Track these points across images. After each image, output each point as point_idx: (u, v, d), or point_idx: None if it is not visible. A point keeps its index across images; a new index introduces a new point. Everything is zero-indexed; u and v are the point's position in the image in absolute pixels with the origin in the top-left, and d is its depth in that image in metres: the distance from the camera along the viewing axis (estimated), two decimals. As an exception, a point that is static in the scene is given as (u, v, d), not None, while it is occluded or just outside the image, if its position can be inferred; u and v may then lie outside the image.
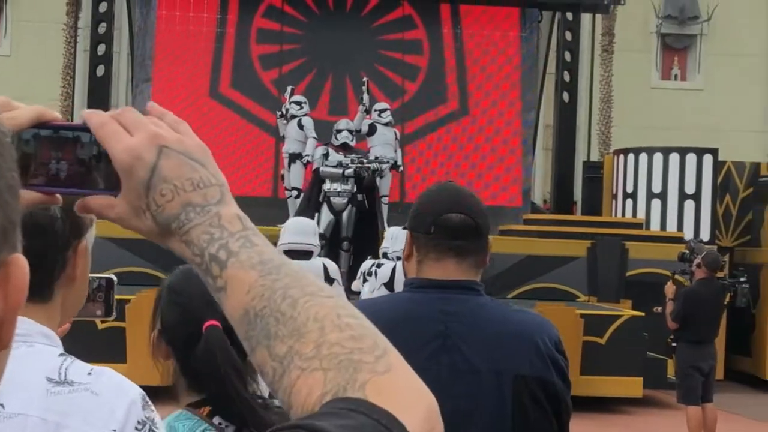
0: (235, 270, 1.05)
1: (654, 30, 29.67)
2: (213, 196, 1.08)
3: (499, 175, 18.83)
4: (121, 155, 1.06)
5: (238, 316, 1.05)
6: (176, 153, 1.08)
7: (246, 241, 1.07)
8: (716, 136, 24.93)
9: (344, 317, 1.01)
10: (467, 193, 2.90)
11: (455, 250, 2.78)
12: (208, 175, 1.10)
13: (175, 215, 1.07)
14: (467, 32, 19.11)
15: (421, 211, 2.85)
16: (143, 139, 1.07)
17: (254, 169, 18.30)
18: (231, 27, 18.75)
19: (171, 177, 1.07)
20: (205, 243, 1.06)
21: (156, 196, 1.07)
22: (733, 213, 17.19)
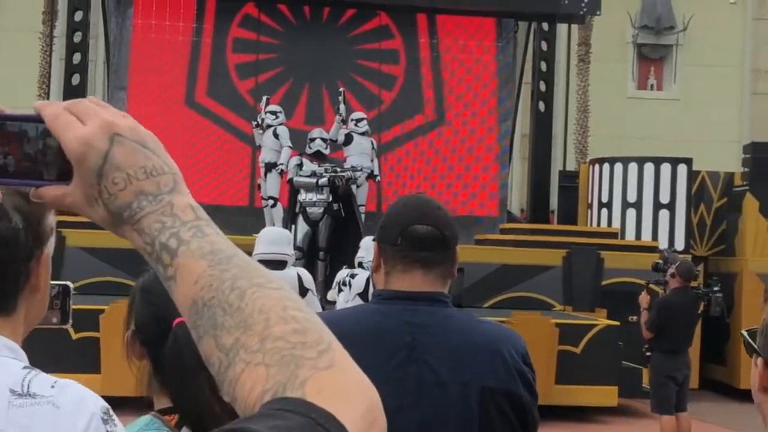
0: (185, 259, 1.04)
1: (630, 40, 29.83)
2: (166, 185, 1.08)
3: (475, 185, 18.86)
4: (73, 144, 1.06)
5: (187, 306, 1.04)
6: (129, 141, 1.08)
7: (198, 230, 1.06)
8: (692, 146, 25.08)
9: (290, 310, 1.00)
10: (434, 205, 2.90)
11: (422, 262, 2.78)
12: (161, 163, 1.10)
13: (127, 203, 1.07)
14: (444, 42, 19.15)
15: (388, 222, 2.85)
16: (95, 128, 1.07)
17: (230, 178, 18.26)
18: (207, 36, 18.71)
19: (124, 165, 1.07)
20: (156, 231, 1.06)
21: (108, 184, 1.07)
22: (708, 222, 17.31)
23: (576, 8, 18.41)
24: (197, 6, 18.74)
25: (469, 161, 18.93)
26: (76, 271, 13.58)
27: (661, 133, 27.84)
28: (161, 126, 18.30)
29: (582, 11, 18.69)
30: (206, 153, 18.30)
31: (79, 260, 13.44)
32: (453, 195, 18.75)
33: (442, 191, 18.72)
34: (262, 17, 18.78)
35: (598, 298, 14.89)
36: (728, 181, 17.44)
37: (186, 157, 18.22)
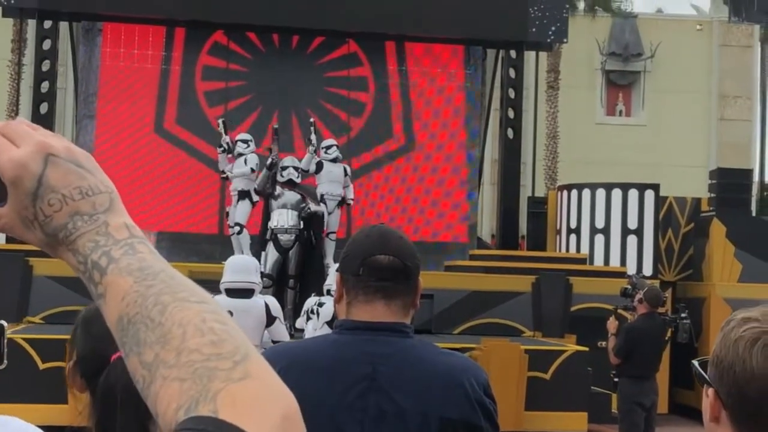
0: (113, 276, 1.04)
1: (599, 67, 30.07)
2: (101, 204, 1.08)
3: (445, 211, 18.90)
4: (7, 167, 1.05)
5: (114, 323, 1.04)
6: (63, 161, 1.07)
7: (129, 248, 1.06)
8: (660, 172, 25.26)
9: (209, 321, 1.00)
10: (396, 235, 2.91)
11: (383, 292, 2.78)
12: (97, 182, 1.09)
13: (62, 225, 1.06)
14: (412, 69, 19.23)
15: (350, 253, 2.85)
16: (29, 150, 1.06)
17: (199, 205, 18.20)
18: (176, 64, 18.70)
19: (58, 186, 1.06)
20: (89, 250, 1.06)
21: (44, 206, 1.06)
22: (675, 248, 17.42)
23: (543, 36, 18.56)
24: (166, 34, 18.73)
25: (438, 187, 18.99)
26: (44, 300, 13.51)
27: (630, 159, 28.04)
28: (129, 153, 18.25)
29: (549, 39, 18.84)
30: (176, 181, 18.24)
31: (46, 289, 13.36)
32: (423, 221, 18.78)
33: (412, 217, 18.76)
34: (231, 45, 18.80)
35: (568, 323, 14.94)
36: (695, 206, 17.58)
37: (155, 185, 18.16)
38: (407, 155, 19.04)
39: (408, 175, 18.95)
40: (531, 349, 12.98)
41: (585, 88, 29.50)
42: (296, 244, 13.86)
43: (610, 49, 30.00)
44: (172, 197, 18.16)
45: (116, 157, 18.11)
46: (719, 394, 1.74)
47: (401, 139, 19.10)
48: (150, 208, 17.87)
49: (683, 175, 26.65)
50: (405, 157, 19.04)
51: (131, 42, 18.62)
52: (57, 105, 19.44)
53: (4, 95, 23.58)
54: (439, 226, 18.81)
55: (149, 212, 17.81)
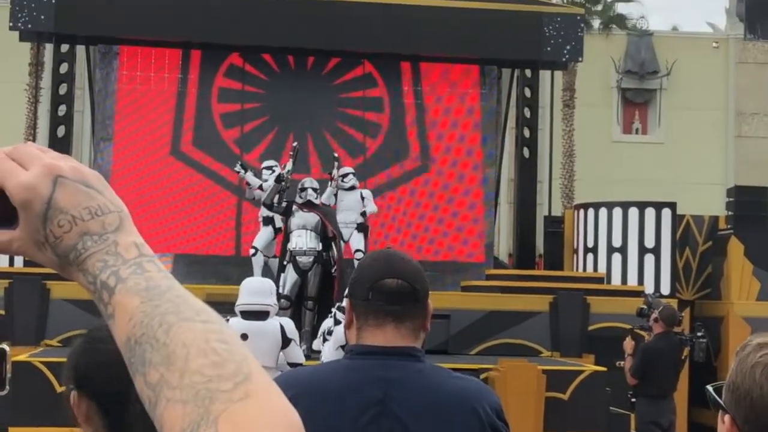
0: (121, 296, 1.05)
1: (614, 85, 30.08)
2: (111, 224, 1.08)
3: (461, 231, 18.88)
4: (17, 191, 1.06)
5: (123, 343, 1.05)
6: (72, 182, 1.08)
7: (137, 267, 1.06)
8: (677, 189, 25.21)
9: (213, 342, 1.01)
10: (405, 259, 2.90)
11: (393, 316, 2.78)
12: (106, 202, 1.10)
13: (72, 245, 1.07)
14: (427, 89, 19.26)
15: (359, 278, 2.86)
16: (38, 172, 1.07)
17: (215, 226, 18.24)
18: (192, 86, 18.79)
19: (68, 207, 1.07)
20: (98, 270, 1.06)
21: (54, 227, 1.07)
22: (693, 266, 17.34)
23: (558, 55, 18.55)
24: (182, 56, 18.82)
25: (454, 207, 18.97)
26: (62, 323, 13.54)
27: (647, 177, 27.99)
28: (146, 176, 18.33)
29: (564, 58, 18.83)
30: (192, 203, 18.30)
31: (64, 312, 13.40)
32: (439, 241, 18.77)
33: (429, 237, 18.75)
34: (247, 67, 18.88)
35: (586, 343, 14.87)
36: (713, 224, 17.51)
37: (172, 207, 18.23)
38: (423, 175, 19.05)
39: (424, 195, 18.96)
40: (549, 370, 12.92)
41: (601, 107, 29.50)
42: (315, 266, 13.83)
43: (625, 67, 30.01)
44: (188, 219, 18.22)
45: (133, 179, 18.19)
46: (736, 420, 1.72)
47: (417, 160, 19.11)
48: (167, 230, 17.94)
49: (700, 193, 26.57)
50: (421, 177, 19.04)
51: (148, 65, 18.73)
52: (74, 128, 19.53)
53: (22, 118, 23.76)
54: (455, 245, 18.79)
55: (166, 234, 17.87)
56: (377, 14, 17.97)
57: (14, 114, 24.67)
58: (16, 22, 17.52)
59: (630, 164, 28.84)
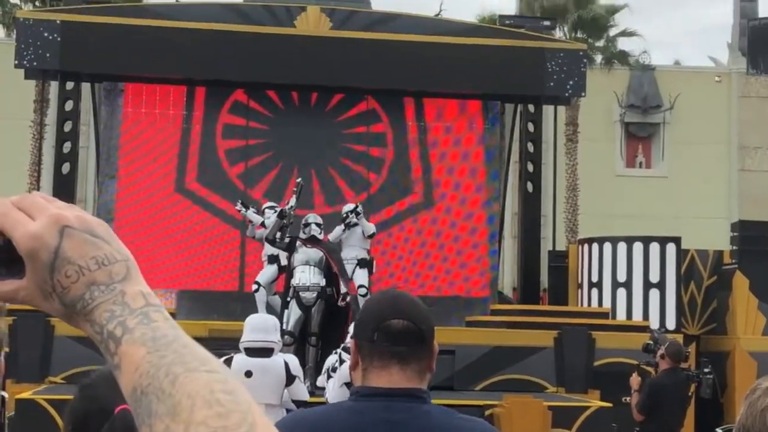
0: (127, 346, 1.05)
1: (617, 119, 30.14)
2: (118, 273, 1.08)
3: (465, 266, 18.87)
4: (23, 240, 1.07)
5: (129, 394, 1.05)
6: (79, 232, 1.08)
7: (144, 317, 1.07)
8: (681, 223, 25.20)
9: (217, 392, 1.01)
10: (410, 299, 2.89)
11: (398, 357, 2.76)
12: (113, 251, 1.09)
13: (80, 295, 1.07)
14: (431, 124, 19.33)
15: (364, 318, 2.84)
16: (45, 223, 1.07)
17: (220, 264, 18.24)
18: (197, 123, 18.86)
19: (75, 257, 1.07)
20: (105, 320, 1.06)
21: (61, 277, 1.07)
22: (698, 301, 17.31)
23: (561, 90, 18.63)
24: (187, 93, 18.92)
25: (458, 242, 18.97)
26: (66, 360, 13.52)
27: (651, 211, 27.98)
28: (151, 212, 18.36)
29: (567, 93, 18.91)
30: (196, 239, 18.31)
31: (68, 349, 13.36)
32: (443, 276, 18.75)
33: (433, 272, 18.73)
34: (251, 103, 18.96)
35: (591, 379, 14.81)
36: (717, 259, 17.49)
37: (176, 243, 18.24)
38: (427, 210, 19.07)
39: (428, 230, 18.96)
40: (554, 406, 12.86)
41: (604, 141, 29.54)
42: (318, 302, 13.80)
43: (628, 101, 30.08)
44: (193, 255, 18.22)
45: (138, 215, 18.23)
46: (746, 462, 1.71)
47: (421, 194, 19.14)
48: (171, 266, 17.94)
49: (704, 227, 26.55)
50: (425, 211, 19.06)
51: (152, 101, 18.82)
52: (79, 164, 19.59)
53: (27, 155, 23.84)
54: (459, 280, 18.77)
55: (170, 270, 17.88)
56: (380, 50, 18.09)
57: (19, 150, 24.75)
58: (21, 59, 17.63)
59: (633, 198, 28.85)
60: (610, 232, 18.41)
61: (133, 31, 17.69)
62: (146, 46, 17.69)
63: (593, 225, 24.71)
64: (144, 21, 17.92)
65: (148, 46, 17.70)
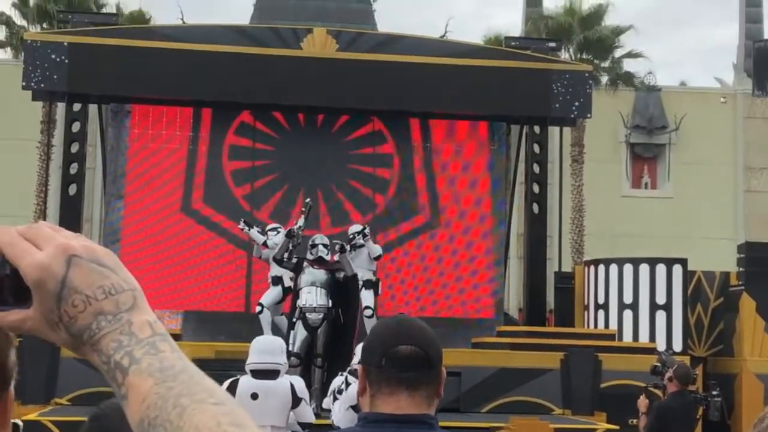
0: (134, 377, 1.05)
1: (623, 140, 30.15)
2: (125, 303, 1.08)
3: (471, 287, 18.84)
4: (30, 270, 1.07)
5: (136, 425, 1.05)
6: (86, 261, 1.08)
7: (151, 347, 1.07)
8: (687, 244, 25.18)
9: (224, 425, 1.01)
10: (417, 325, 2.89)
11: (407, 383, 2.76)
12: (120, 280, 1.09)
13: (87, 325, 1.07)
14: (436, 145, 19.35)
15: (371, 344, 2.84)
16: (52, 252, 1.07)
17: (226, 284, 18.24)
18: (203, 144, 18.91)
19: (82, 287, 1.07)
20: (112, 350, 1.06)
21: (68, 307, 1.07)
22: (705, 323, 17.27)
23: (567, 112, 18.65)
24: (193, 114, 18.96)
25: (464, 263, 18.95)
26: (71, 382, 13.51)
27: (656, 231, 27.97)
28: (157, 233, 18.37)
29: (573, 114, 18.92)
30: (203, 259, 18.31)
31: (73, 371, 13.34)
32: (449, 297, 18.72)
33: (438, 293, 18.71)
34: (258, 124, 19.00)
35: (598, 400, 14.76)
36: (724, 280, 17.46)
37: (183, 264, 18.24)
38: (433, 231, 19.07)
39: (433, 250, 18.95)
40: (561, 428, 12.83)
41: (610, 161, 29.55)
42: (325, 323, 13.78)
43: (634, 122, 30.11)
44: (198, 276, 18.22)
45: (144, 236, 18.25)
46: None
47: (426, 215, 19.14)
48: (177, 287, 17.94)
49: (710, 247, 26.51)
50: (430, 232, 19.05)
51: (159, 122, 18.87)
52: (85, 185, 19.62)
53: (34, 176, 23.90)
54: (465, 301, 18.75)
55: (176, 291, 17.88)
56: (386, 72, 18.13)
57: (25, 171, 24.81)
58: (29, 81, 17.70)
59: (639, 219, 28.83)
60: (615, 253, 18.41)
61: (140, 52, 17.76)
62: (153, 67, 17.75)
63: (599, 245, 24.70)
64: (151, 43, 18.00)
65: (155, 68, 17.76)
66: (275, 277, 14.80)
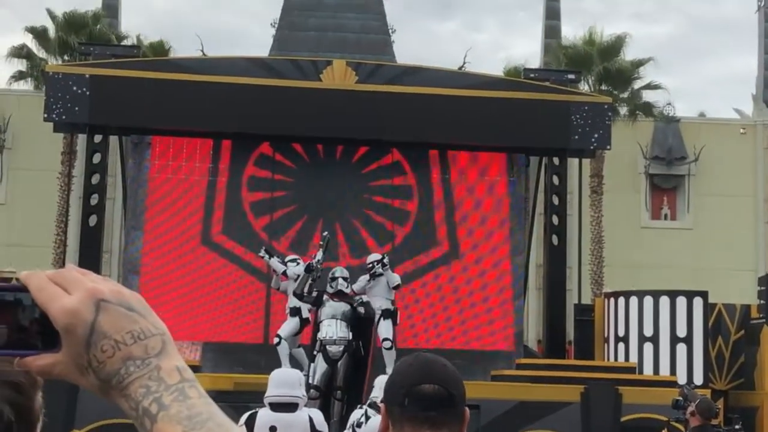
0: (163, 424, 1.05)
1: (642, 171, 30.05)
2: (154, 348, 1.09)
3: (490, 319, 18.77)
4: (60, 315, 1.07)
5: None
6: (114, 306, 1.09)
7: (180, 394, 1.07)
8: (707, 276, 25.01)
9: None
10: (440, 363, 2.88)
11: (430, 422, 2.74)
12: (149, 325, 1.10)
13: (115, 370, 1.07)
14: (456, 177, 19.34)
15: (394, 383, 2.83)
16: (81, 297, 1.08)
17: (245, 316, 18.24)
18: (223, 175, 18.97)
19: (111, 332, 1.07)
20: (140, 396, 1.07)
21: (97, 352, 1.07)
22: (726, 356, 17.14)
23: (586, 143, 18.62)
24: (213, 146, 19.03)
25: (483, 295, 18.89)
26: (90, 413, 13.51)
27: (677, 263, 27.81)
28: (176, 265, 18.40)
29: (592, 146, 18.89)
30: (222, 292, 18.32)
31: (92, 401, 13.33)
32: (467, 329, 18.65)
33: (456, 325, 18.64)
34: (277, 156, 19.05)
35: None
36: (745, 313, 17.34)
37: (202, 296, 18.25)
38: (452, 263, 19.02)
39: (452, 282, 18.90)
40: (581, 462, 12.73)
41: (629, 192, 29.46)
42: (345, 356, 13.76)
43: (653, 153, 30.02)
44: (218, 307, 18.23)
45: (164, 267, 18.29)
46: None
47: (445, 247, 19.10)
48: (196, 319, 17.95)
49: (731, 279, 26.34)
50: (449, 264, 19.01)
51: (179, 154, 18.95)
52: (105, 216, 19.70)
53: (54, 206, 24.02)
54: (484, 333, 18.67)
55: (196, 322, 17.88)
56: (405, 103, 18.16)
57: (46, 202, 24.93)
58: (50, 113, 17.82)
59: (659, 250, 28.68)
60: (635, 285, 18.32)
61: (160, 85, 17.86)
62: (173, 100, 17.85)
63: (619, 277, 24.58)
64: (171, 75, 18.10)
65: (175, 101, 17.85)
66: (293, 308, 14.79)
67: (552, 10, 31.33)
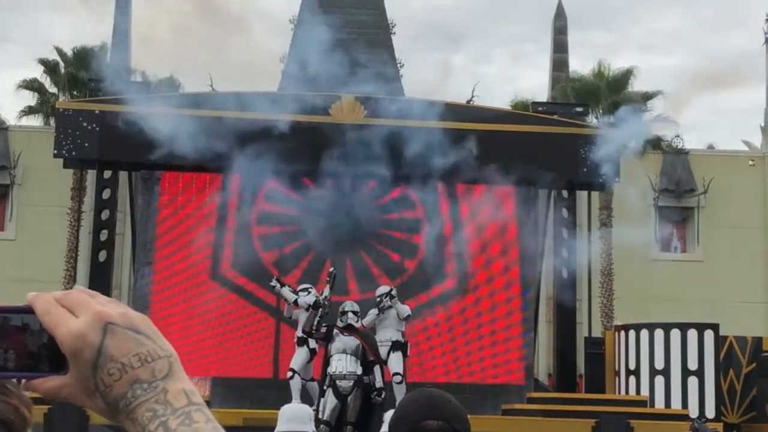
0: None
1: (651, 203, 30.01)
2: (161, 370, 1.08)
3: (500, 353, 18.70)
4: (67, 339, 1.07)
5: None
6: (121, 329, 1.08)
7: (186, 418, 1.06)
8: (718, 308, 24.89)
9: None
10: (445, 399, 2.87)
11: (434, 458, 2.74)
12: (156, 347, 1.09)
13: (122, 393, 1.07)
14: (465, 210, 19.33)
15: (399, 419, 2.83)
16: (88, 321, 1.08)
17: (254, 351, 18.22)
18: (232, 210, 18.99)
19: (118, 355, 1.07)
20: (147, 420, 1.06)
21: (104, 375, 1.07)
22: (738, 388, 17.03)
23: (595, 176, 18.61)
24: (223, 181, 19.06)
25: (492, 329, 18.83)
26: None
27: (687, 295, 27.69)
28: (186, 300, 18.40)
29: (601, 179, 18.87)
30: (232, 326, 18.31)
31: None
32: (478, 363, 18.58)
33: (466, 359, 18.57)
34: (286, 190, 19.06)
35: (631, 468, 14.55)
36: (756, 345, 17.25)
37: (211, 330, 18.23)
38: (461, 296, 18.99)
39: (462, 316, 18.86)
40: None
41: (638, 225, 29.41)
42: (355, 390, 13.69)
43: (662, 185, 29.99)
44: (227, 342, 18.21)
45: (173, 302, 18.29)
46: None
47: (454, 281, 19.07)
48: (205, 353, 17.92)
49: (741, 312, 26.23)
50: (458, 298, 18.97)
51: (188, 189, 18.98)
52: (115, 251, 19.72)
53: (64, 242, 24.08)
54: (494, 367, 18.59)
55: (205, 357, 17.85)
56: (414, 137, 18.18)
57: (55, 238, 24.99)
58: (60, 149, 17.90)
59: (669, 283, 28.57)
60: (645, 317, 18.25)
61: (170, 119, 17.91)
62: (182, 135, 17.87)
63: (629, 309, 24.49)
64: (180, 110, 18.16)
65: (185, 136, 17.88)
66: (300, 338, 14.77)
67: (560, 44, 31.44)
